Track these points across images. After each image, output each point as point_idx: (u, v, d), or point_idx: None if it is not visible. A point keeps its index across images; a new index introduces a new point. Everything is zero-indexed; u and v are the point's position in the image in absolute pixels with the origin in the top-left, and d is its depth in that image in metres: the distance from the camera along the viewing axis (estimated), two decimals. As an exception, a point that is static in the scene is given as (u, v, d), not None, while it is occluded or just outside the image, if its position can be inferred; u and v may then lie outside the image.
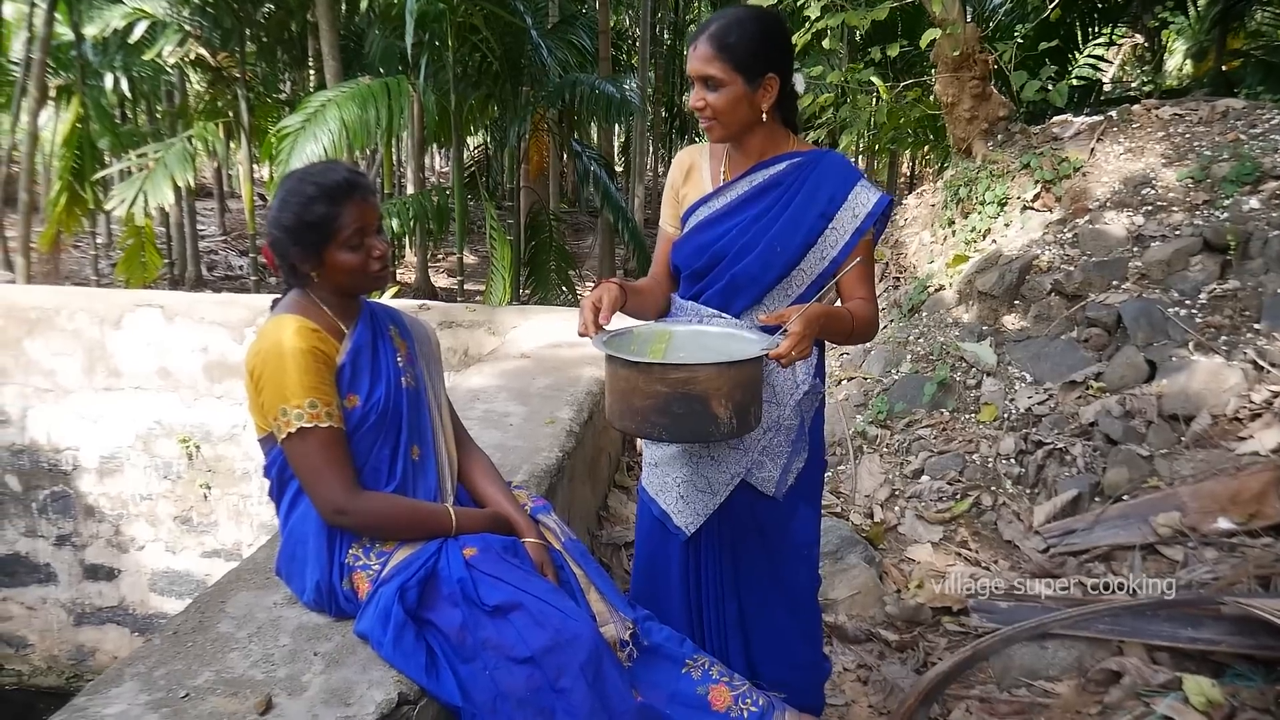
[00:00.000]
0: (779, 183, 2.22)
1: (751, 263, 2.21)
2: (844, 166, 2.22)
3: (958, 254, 5.80)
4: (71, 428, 6.38)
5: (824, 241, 2.18)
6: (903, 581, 3.71)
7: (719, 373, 1.89)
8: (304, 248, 2.05)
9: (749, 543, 2.34)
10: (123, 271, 11.27)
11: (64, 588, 6.67)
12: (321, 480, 1.99)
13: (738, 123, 2.15)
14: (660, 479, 2.39)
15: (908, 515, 4.20)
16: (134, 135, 12.21)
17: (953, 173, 6.57)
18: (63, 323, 6.24)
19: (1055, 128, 6.21)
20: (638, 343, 2.21)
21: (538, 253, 10.71)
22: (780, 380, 2.25)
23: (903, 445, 4.67)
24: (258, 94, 11.37)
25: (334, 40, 8.77)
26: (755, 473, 2.28)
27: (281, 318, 2.03)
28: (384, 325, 2.23)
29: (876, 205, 2.16)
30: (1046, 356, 4.72)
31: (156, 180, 8.51)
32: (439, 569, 2.05)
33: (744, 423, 1.95)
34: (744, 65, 2.09)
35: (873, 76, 7.63)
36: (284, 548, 2.18)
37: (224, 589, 2.32)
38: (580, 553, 2.25)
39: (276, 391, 1.97)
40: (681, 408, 1.90)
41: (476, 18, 8.41)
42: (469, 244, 16.55)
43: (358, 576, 2.07)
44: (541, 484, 3.13)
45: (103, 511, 6.51)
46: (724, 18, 2.14)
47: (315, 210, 2.02)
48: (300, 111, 7.26)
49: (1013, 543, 3.91)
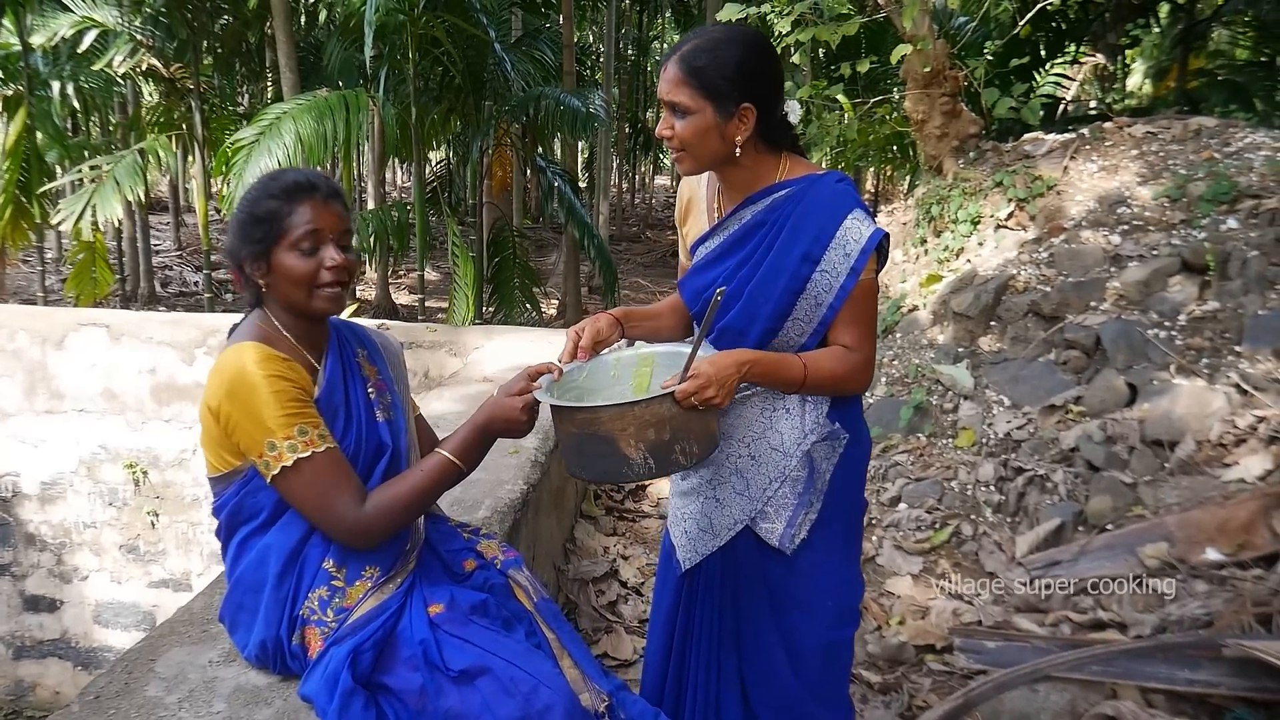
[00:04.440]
0: (762, 222, 2.01)
1: (736, 316, 2.02)
2: (834, 197, 1.97)
3: (931, 274, 5.69)
4: (11, 452, 6.10)
5: (814, 286, 1.96)
6: (883, 617, 3.56)
7: (621, 413, 1.75)
8: (252, 247, 1.85)
9: (754, 595, 2.15)
10: (72, 288, 10.92)
11: (3, 619, 6.36)
12: (333, 506, 1.80)
13: (708, 155, 1.96)
14: (676, 510, 2.25)
15: (886, 545, 4.05)
16: (84, 147, 11.88)
17: (924, 190, 6.47)
18: (2, 342, 5.97)
19: (1027, 145, 6.13)
20: (619, 368, 2.08)
21: (501, 269, 10.51)
22: (786, 428, 2.06)
23: (879, 472, 4.53)
24: (213, 106, 11.09)
25: (291, 52, 8.55)
26: (760, 522, 2.10)
27: (239, 346, 1.82)
28: (351, 351, 2.04)
29: (870, 240, 1.92)
30: (1025, 379, 4.61)
31: (105, 194, 8.23)
32: (399, 630, 1.87)
33: (665, 462, 1.80)
34: (715, 92, 1.88)
35: (839, 94, 7.53)
36: (231, 595, 1.97)
37: (154, 644, 2.11)
38: (553, 615, 2.07)
39: (256, 427, 1.76)
40: (592, 448, 1.79)
41: (438, 30, 8.22)
42: (431, 260, 16.31)
43: (310, 632, 1.88)
44: (505, 519, 2.96)
45: (44, 540, 6.22)
46: (698, 37, 1.94)
47: (266, 205, 1.84)
48: (255, 124, 7.04)
49: (995, 574, 3.77)
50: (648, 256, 19.93)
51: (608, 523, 4.24)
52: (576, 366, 2.00)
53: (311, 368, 1.92)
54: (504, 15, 10.82)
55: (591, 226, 10.63)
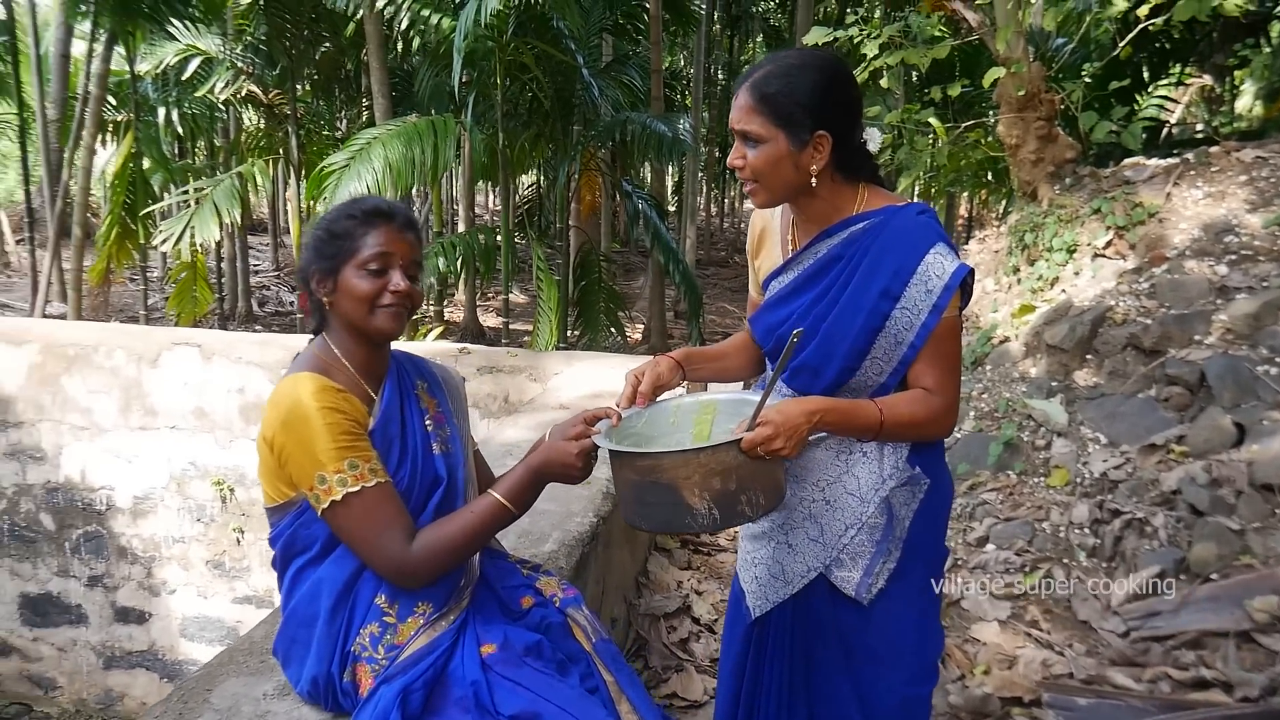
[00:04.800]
0: (839, 256, 1.92)
1: (812, 354, 1.92)
2: (915, 230, 1.86)
3: (1024, 303, 5.49)
4: (106, 467, 6.27)
5: (894, 324, 1.85)
6: (967, 666, 3.40)
7: (685, 460, 1.68)
8: (322, 264, 1.87)
9: (827, 647, 2.05)
10: (174, 306, 11.30)
11: (95, 630, 6.53)
12: (379, 544, 1.78)
13: (781, 186, 1.87)
14: (747, 554, 2.16)
15: (972, 588, 3.88)
16: (187, 170, 12.30)
17: (1017, 217, 6.27)
18: (100, 360, 6.15)
19: (1127, 170, 5.89)
20: (679, 415, 2.00)
21: (586, 293, 10.53)
22: (864, 472, 1.96)
23: (966, 510, 4.35)
24: (309, 131, 11.37)
25: (384, 78, 8.72)
26: (835, 570, 2.00)
27: (296, 376, 1.82)
28: (411, 383, 2.02)
29: (954, 276, 1.82)
30: (1122, 416, 4.39)
31: (203, 216, 8.47)
32: (450, 669, 1.82)
33: (730, 513, 1.71)
34: (788, 120, 1.80)
35: (931, 117, 7.36)
36: (284, 629, 1.95)
37: (213, 674, 2.10)
38: (612, 656, 1.99)
39: (308, 459, 1.75)
40: (654, 497, 1.71)
41: (526, 56, 8.29)
42: (519, 283, 16.46)
43: (361, 669, 1.85)
44: (573, 552, 2.89)
45: (135, 553, 6.37)
46: (771, 63, 1.85)
47: (344, 224, 1.85)
48: (346, 149, 7.18)
49: (1089, 623, 3.58)
50: (735, 281, 19.83)
51: (682, 556, 4.15)
52: (635, 412, 1.94)
53: (368, 398, 1.90)
54: (593, 41, 10.88)
55: (677, 251, 10.57)
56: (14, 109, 12.46)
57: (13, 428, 6.27)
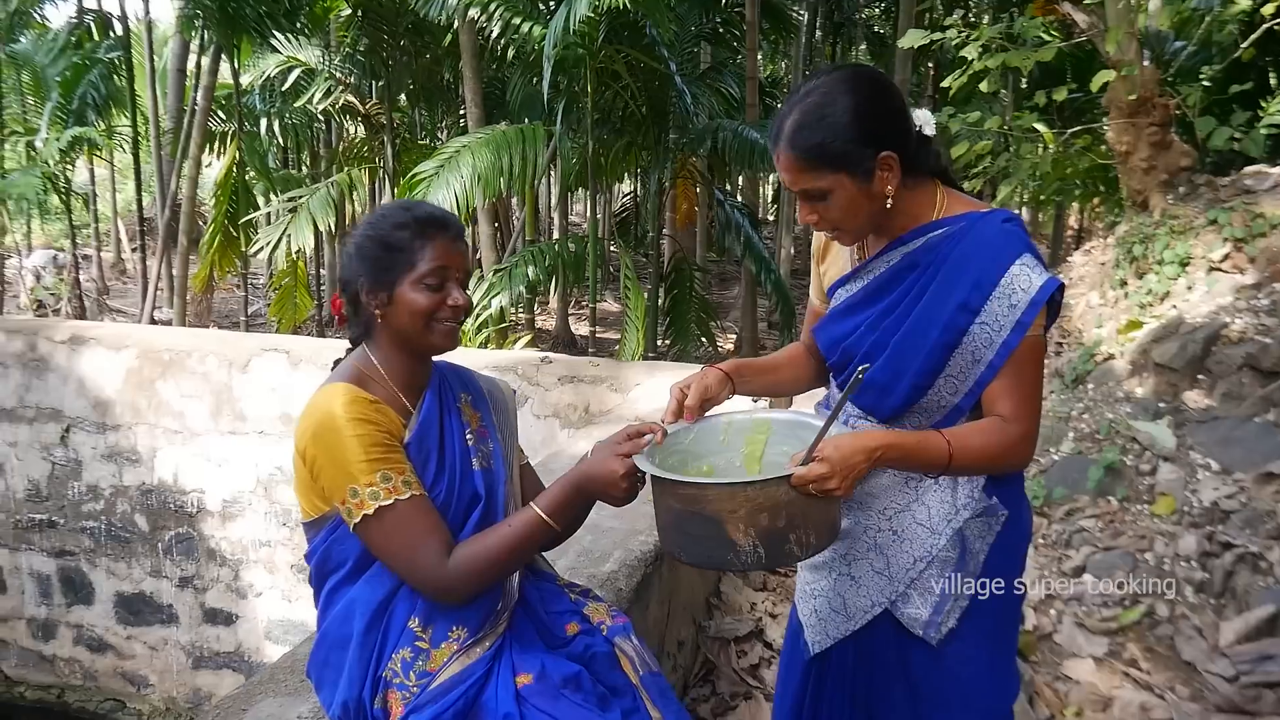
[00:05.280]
0: (915, 264, 1.76)
1: (881, 369, 1.77)
2: (999, 238, 1.70)
3: (1131, 319, 5.18)
4: (197, 470, 6.41)
5: (973, 340, 1.70)
6: (1058, 706, 3.17)
7: (731, 494, 1.54)
8: (375, 276, 1.78)
9: (892, 691, 1.89)
10: (275, 312, 11.59)
11: (184, 629, 6.68)
12: (416, 559, 1.69)
13: (865, 221, 1.73)
14: (806, 585, 2.01)
15: (1066, 621, 3.64)
16: (289, 179, 12.62)
17: (1126, 228, 5.94)
18: (193, 365, 6.29)
19: (1248, 179, 5.53)
20: (730, 433, 1.87)
21: (677, 303, 10.44)
22: (935, 501, 1.80)
23: (1062, 537, 4.10)
24: (404, 140, 11.54)
25: (477, 87, 8.77)
26: (901, 607, 1.84)
27: (332, 387, 1.75)
28: (453, 395, 1.93)
29: (1041, 291, 1.65)
30: (1237, 441, 4.08)
31: (299, 225, 8.65)
32: (483, 700, 1.73)
33: (778, 552, 1.58)
34: (845, 160, 1.64)
35: (1037, 123, 7.05)
36: (317, 651, 1.88)
37: (250, 693, 2.06)
38: (660, 691, 1.87)
39: (340, 472, 1.68)
40: (696, 529, 1.58)
41: (618, 64, 8.24)
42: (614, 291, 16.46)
43: (392, 695, 1.77)
44: (634, 573, 2.78)
45: (224, 555, 6.49)
46: (798, 109, 1.67)
47: (398, 236, 1.77)
48: (435, 158, 7.22)
49: (1193, 665, 3.31)
50: (832, 292, 19.43)
51: (757, 577, 3.99)
52: (683, 428, 1.81)
53: (406, 410, 1.83)
54: (689, 49, 10.80)
55: (769, 261, 10.40)
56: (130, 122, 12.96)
57: (111, 430, 6.45)
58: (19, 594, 6.96)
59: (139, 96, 13.39)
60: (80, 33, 13.75)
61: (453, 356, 1.99)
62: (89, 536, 6.68)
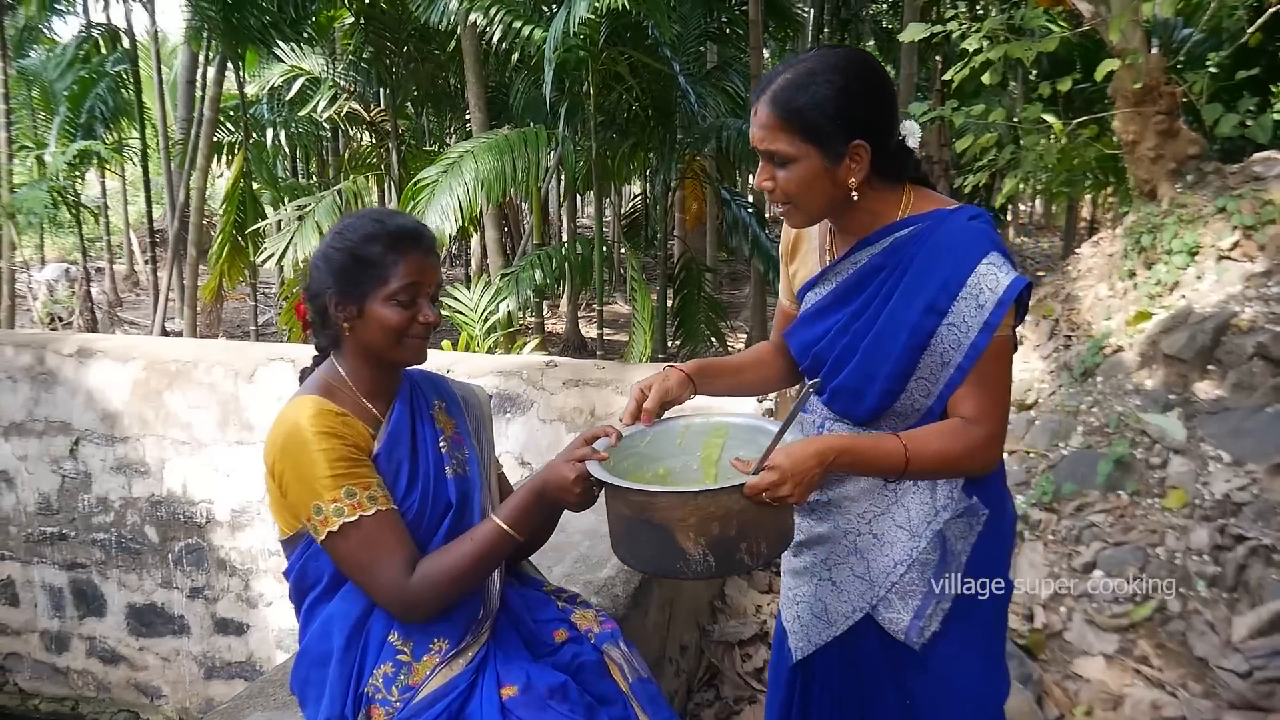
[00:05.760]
0: (881, 266, 1.73)
1: (851, 374, 1.74)
2: (965, 237, 1.67)
3: (1140, 310, 5.11)
4: (205, 480, 6.40)
5: (941, 342, 1.66)
6: (1067, 705, 3.13)
7: (681, 502, 1.52)
8: (345, 290, 1.75)
9: (882, 697, 1.85)
10: (285, 322, 11.59)
11: (196, 640, 6.67)
12: (377, 576, 1.67)
13: (819, 205, 1.70)
14: (788, 591, 1.98)
15: (1076, 619, 3.59)
16: (295, 188, 12.65)
17: (1134, 218, 5.87)
18: (200, 376, 6.28)
19: (1257, 166, 5.46)
20: (687, 437, 1.84)
21: (686, 304, 10.40)
22: (914, 503, 1.77)
23: (1071, 533, 4.04)
24: (409, 147, 11.54)
25: (480, 92, 8.76)
26: (882, 611, 1.81)
27: (299, 400, 1.73)
28: (426, 402, 1.90)
29: (1009, 291, 1.61)
30: (1249, 433, 4.02)
31: (305, 233, 8.66)
32: (467, 712, 1.70)
33: (728, 561, 1.55)
34: (819, 134, 1.61)
35: (1045, 114, 6.97)
36: (298, 668, 1.87)
37: (240, 706, 2.04)
38: (650, 698, 1.84)
39: (305, 488, 1.66)
40: (645, 536, 1.57)
41: (621, 65, 8.21)
42: (623, 294, 16.43)
43: (375, 711, 1.74)
44: (632, 578, 2.74)
45: (234, 565, 6.48)
46: (789, 70, 1.65)
47: (371, 250, 1.73)
48: (439, 163, 7.21)
49: (1206, 661, 3.25)
50: (843, 289, 19.37)
51: (763, 579, 3.96)
52: (639, 430, 1.78)
53: (375, 420, 1.80)
54: (691, 49, 10.76)
55: (778, 260, 10.34)
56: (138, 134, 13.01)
57: (119, 442, 6.45)
58: (31, 607, 6.97)
59: (148, 109, 13.44)
60: (88, 47, 13.85)
61: (461, 362, 1.97)
62: (100, 548, 6.68)
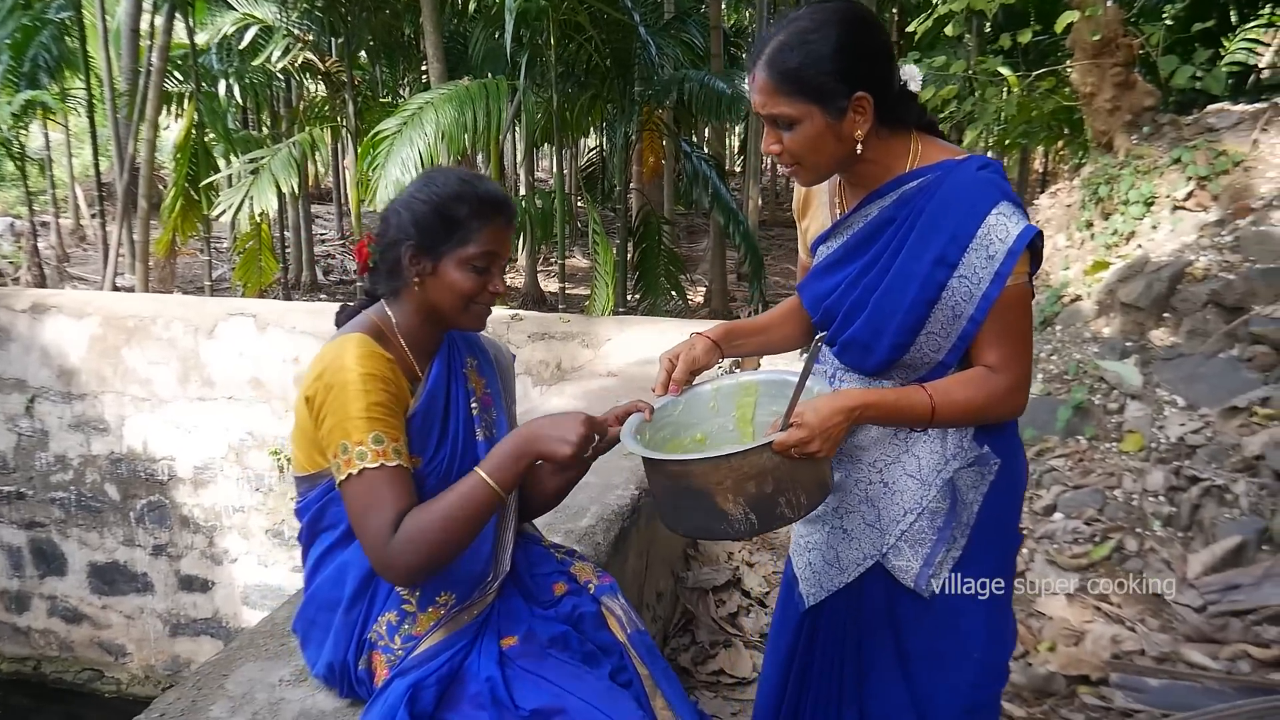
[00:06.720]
0: (890, 219, 1.72)
1: (861, 328, 1.74)
2: (974, 188, 1.64)
3: (1097, 260, 5.22)
4: (167, 437, 6.35)
5: (952, 295, 1.65)
6: (1032, 642, 3.23)
7: (715, 466, 1.55)
8: (424, 242, 1.73)
9: (881, 642, 1.88)
10: (240, 276, 11.41)
11: (160, 598, 6.65)
12: (367, 528, 1.62)
13: (827, 162, 1.69)
14: (800, 538, 2.00)
15: (1038, 559, 3.70)
16: (249, 141, 12.39)
17: (1091, 169, 5.96)
18: (159, 331, 6.20)
19: (1211, 118, 5.56)
20: (719, 398, 1.87)
21: (646, 257, 10.38)
22: (924, 452, 1.78)
23: (1033, 478, 4.15)
24: (366, 98, 11.34)
25: (438, 42, 8.61)
26: (892, 559, 1.82)
27: (348, 337, 1.69)
28: (460, 360, 1.89)
29: (1019, 240, 1.59)
30: (1202, 378, 4.14)
31: (261, 186, 8.50)
32: (467, 664, 1.71)
33: (769, 516, 1.59)
34: (819, 92, 1.60)
35: (1001, 66, 7.02)
36: (304, 609, 1.86)
37: (231, 658, 2.04)
38: (647, 648, 1.87)
39: (338, 424, 1.63)
40: (687, 502, 1.60)
41: (581, 15, 8.11)
42: (582, 247, 16.37)
43: (377, 657, 1.76)
44: (611, 527, 2.79)
45: (197, 522, 6.46)
46: (781, 31, 1.64)
47: (458, 209, 1.73)
48: (398, 115, 7.10)
49: (1162, 597, 3.38)
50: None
51: (734, 526, 4.02)
52: (671, 400, 1.80)
53: (415, 375, 1.79)
54: (650, 0, 10.66)
55: (738, 213, 10.33)
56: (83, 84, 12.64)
57: (77, 399, 6.37)
58: (-10, 567, 6.91)
59: (92, 58, 13.04)
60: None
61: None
62: (59, 507, 6.61)
